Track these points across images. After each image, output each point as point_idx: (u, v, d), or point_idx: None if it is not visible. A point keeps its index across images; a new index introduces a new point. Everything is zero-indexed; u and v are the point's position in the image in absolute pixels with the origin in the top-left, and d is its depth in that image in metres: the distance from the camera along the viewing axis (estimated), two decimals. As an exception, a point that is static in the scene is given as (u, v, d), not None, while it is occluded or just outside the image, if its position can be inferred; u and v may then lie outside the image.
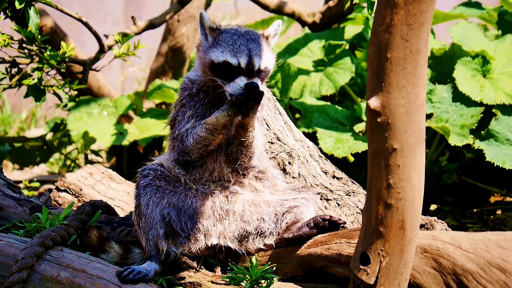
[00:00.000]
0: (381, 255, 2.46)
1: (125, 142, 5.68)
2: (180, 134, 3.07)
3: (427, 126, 4.70)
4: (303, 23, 6.11)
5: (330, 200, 3.40)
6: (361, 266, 2.50)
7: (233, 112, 2.93)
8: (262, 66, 2.99)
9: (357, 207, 3.38)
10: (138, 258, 3.14)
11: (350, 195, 3.42)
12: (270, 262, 3.11)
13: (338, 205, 3.39)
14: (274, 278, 3.02)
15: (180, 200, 3.08)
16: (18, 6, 3.68)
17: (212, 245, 3.09)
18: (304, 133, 4.21)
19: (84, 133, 5.74)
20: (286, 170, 3.43)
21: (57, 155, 7.41)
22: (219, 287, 3.01)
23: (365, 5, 4.88)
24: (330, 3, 5.99)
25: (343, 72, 5.31)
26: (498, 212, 5.27)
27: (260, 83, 2.95)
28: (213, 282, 3.04)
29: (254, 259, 3.08)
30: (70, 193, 3.86)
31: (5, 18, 3.84)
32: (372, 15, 3.61)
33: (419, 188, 2.43)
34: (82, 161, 7.25)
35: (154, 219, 3.04)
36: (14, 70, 4.17)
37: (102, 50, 4.40)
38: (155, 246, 3.03)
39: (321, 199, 3.39)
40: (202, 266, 3.12)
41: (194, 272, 3.09)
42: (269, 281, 3.00)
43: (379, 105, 2.38)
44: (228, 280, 3.02)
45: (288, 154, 3.46)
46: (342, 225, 3.07)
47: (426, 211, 4.95)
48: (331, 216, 3.08)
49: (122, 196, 3.97)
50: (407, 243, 2.46)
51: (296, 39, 5.80)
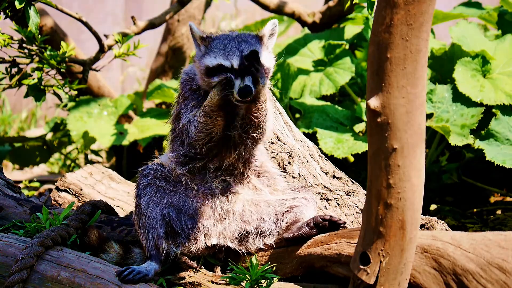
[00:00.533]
0: (381, 255, 2.46)
1: (125, 142, 5.67)
2: (184, 126, 3.06)
3: (427, 126, 4.70)
4: (303, 23, 6.11)
5: (330, 200, 3.40)
6: (361, 266, 2.50)
7: (220, 89, 2.91)
8: None
9: (357, 207, 3.38)
10: (138, 258, 3.14)
11: (350, 195, 3.42)
12: (270, 262, 3.11)
13: (338, 205, 3.39)
14: (274, 278, 3.02)
15: (180, 200, 3.08)
16: (18, 6, 3.68)
17: (212, 245, 3.09)
18: (304, 133, 4.20)
19: (84, 133, 5.74)
20: (286, 170, 3.43)
21: (57, 155, 7.41)
22: (219, 287, 3.01)
23: (365, 5, 4.88)
24: (330, 3, 5.99)
25: (343, 72, 5.30)
26: (498, 212, 5.27)
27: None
28: (213, 282, 3.04)
29: (254, 259, 3.08)
30: (70, 193, 3.86)
31: (5, 18, 3.84)
32: (372, 15, 3.61)
33: (419, 188, 2.44)
34: (82, 161, 7.25)
35: (154, 219, 3.04)
36: (14, 70, 4.17)
37: (102, 50, 4.40)
38: (155, 246, 3.03)
39: (321, 199, 3.39)
40: (202, 266, 3.12)
41: (194, 272, 3.09)
42: (269, 281, 3.00)
43: (379, 105, 2.38)
44: (228, 280, 3.02)
45: (288, 154, 3.46)
46: (342, 225, 3.08)
47: (426, 211, 4.95)
48: (331, 216, 3.08)
49: (122, 196, 3.97)
50: (407, 243, 2.46)
51: (296, 39, 5.79)
